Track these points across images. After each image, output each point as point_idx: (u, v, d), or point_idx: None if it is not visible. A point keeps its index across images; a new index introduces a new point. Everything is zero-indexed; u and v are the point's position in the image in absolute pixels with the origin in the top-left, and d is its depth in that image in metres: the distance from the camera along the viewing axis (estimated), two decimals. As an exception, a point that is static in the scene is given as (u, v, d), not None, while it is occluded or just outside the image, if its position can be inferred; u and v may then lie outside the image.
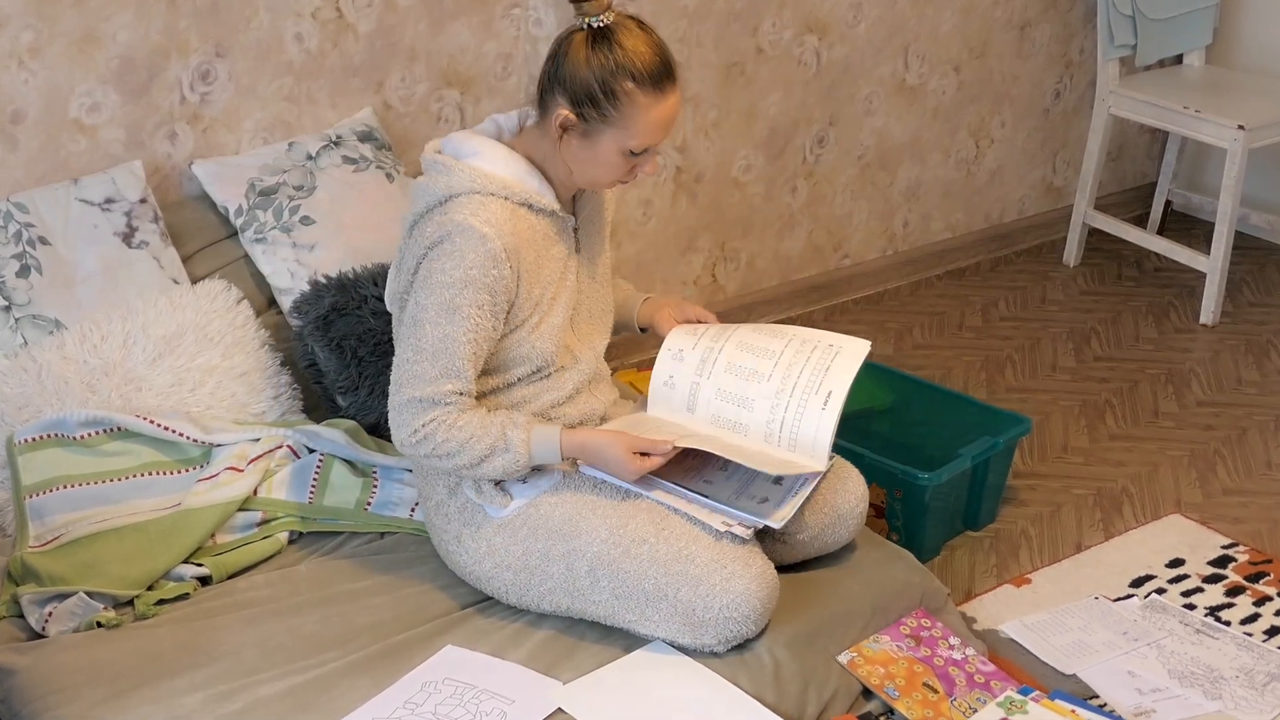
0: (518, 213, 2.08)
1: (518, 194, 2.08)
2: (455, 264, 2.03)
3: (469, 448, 2.05)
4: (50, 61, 2.52)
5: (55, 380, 2.34)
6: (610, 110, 2.02)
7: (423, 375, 2.04)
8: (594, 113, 2.03)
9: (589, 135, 2.05)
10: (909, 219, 3.94)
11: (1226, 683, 2.42)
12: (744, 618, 2.02)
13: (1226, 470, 3.12)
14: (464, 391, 2.06)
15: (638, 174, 2.12)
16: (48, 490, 2.27)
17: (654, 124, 2.04)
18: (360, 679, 1.99)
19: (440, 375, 2.04)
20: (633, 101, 2.02)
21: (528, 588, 2.12)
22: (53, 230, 2.46)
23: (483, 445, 2.05)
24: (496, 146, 2.12)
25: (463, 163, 2.09)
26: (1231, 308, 3.84)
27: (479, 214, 2.03)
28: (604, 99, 2.02)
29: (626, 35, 2.02)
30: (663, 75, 2.03)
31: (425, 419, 2.04)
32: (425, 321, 2.04)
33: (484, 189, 2.06)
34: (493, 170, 2.08)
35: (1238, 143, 3.58)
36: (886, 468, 2.67)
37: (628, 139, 2.05)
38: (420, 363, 2.04)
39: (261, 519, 2.32)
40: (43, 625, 2.09)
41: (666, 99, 2.04)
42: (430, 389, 2.04)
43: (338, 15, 2.81)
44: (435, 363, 2.04)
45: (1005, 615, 2.59)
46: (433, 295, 2.04)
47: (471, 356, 2.05)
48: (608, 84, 2.01)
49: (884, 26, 3.62)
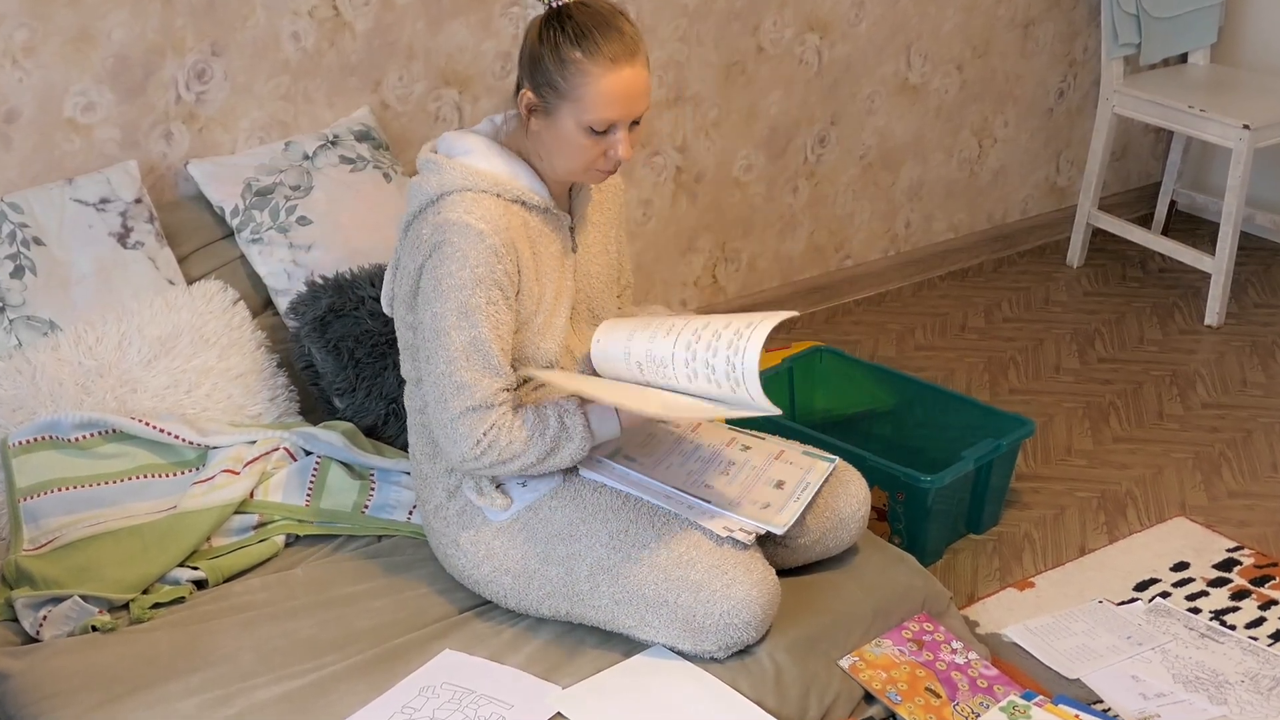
0: (510, 209, 2.08)
1: (510, 190, 2.08)
2: (460, 265, 2.02)
3: (533, 445, 2.04)
4: (45, 60, 2.53)
5: (50, 382, 2.34)
6: (560, 81, 2.01)
7: (467, 384, 2.03)
8: (549, 88, 2.02)
9: (550, 114, 2.04)
10: (911, 219, 3.94)
11: (1232, 687, 2.41)
12: (745, 624, 2.02)
13: (1232, 473, 3.12)
14: (508, 387, 2.06)
15: (611, 157, 2.07)
16: (42, 493, 2.27)
17: (608, 95, 2.01)
18: (358, 683, 1.98)
19: (483, 377, 2.03)
20: (581, 70, 2.00)
21: (526, 592, 2.11)
22: (47, 231, 2.45)
23: (546, 440, 2.05)
24: (488, 144, 2.12)
25: (455, 160, 2.09)
26: (1237, 309, 3.83)
27: (473, 211, 2.03)
28: (553, 71, 2.01)
29: (581, 10, 2.02)
30: (613, 45, 2.01)
31: (485, 427, 2.03)
32: (448, 330, 2.03)
33: (475, 185, 2.06)
34: (484, 167, 2.08)
35: (1243, 142, 3.58)
36: (888, 470, 2.66)
37: (582, 112, 2.02)
38: (458, 373, 2.03)
39: (258, 522, 2.32)
40: (37, 629, 2.10)
41: (619, 70, 2.01)
42: (480, 395, 2.03)
43: (335, 14, 2.81)
44: (472, 367, 2.03)
45: (1008, 619, 2.59)
46: (447, 302, 2.03)
47: (501, 351, 2.05)
48: (557, 54, 2.00)
49: (886, 25, 3.62)
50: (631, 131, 2.07)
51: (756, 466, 2.21)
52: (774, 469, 2.20)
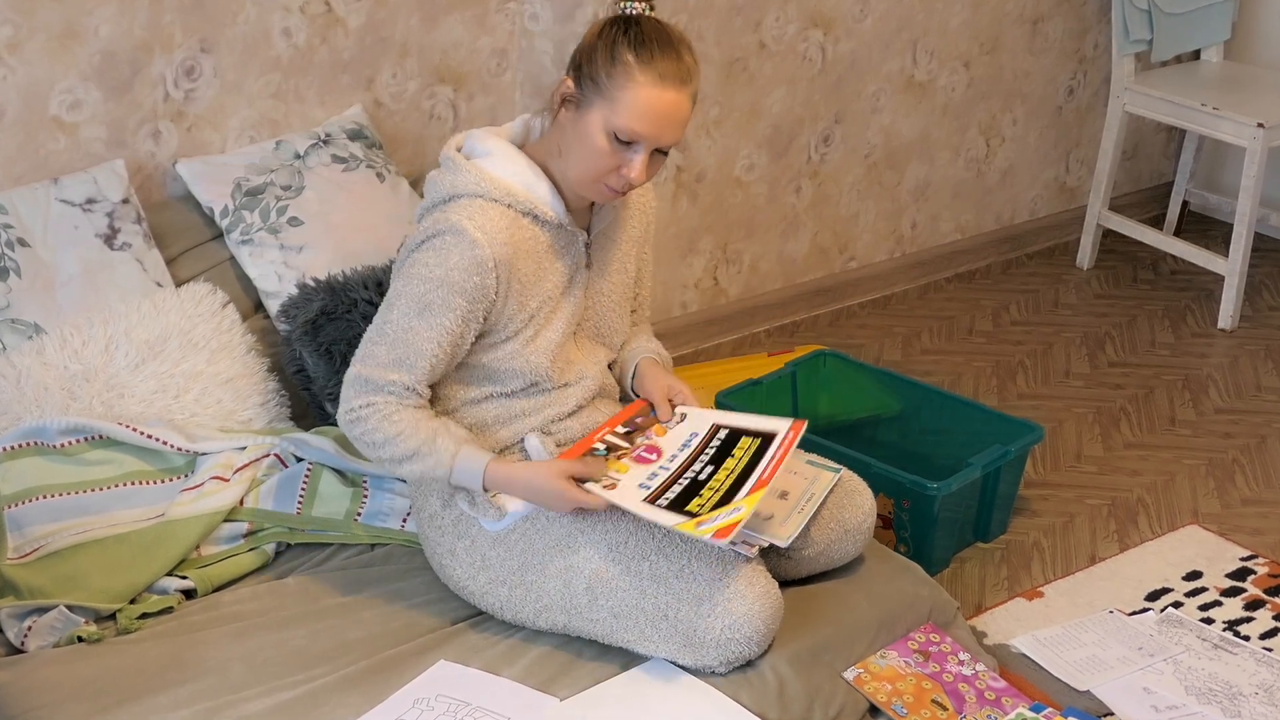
0: (518, 222, 2.07)
1: (522, 202, 2.08)
2: (438, 261, 2.04)
3: (395, 443, 2.06)
4: (29, 57, 2.52)
5: (34, 387, 2.33)
6: (604, 78, 2.00)
7: (376, 358, 2.07)
8: (590, 81, 2.02)
9: (581, 109, 2.04)
10: (917, 220, 3.94)
11: (1245, 699, 2.40)
12: (747, 639, 2.01)
13: (1245, 480, 3.12)
14: (411, 387, 2.07)
15: (624, 176, 2.05)
16: (27, 500, 2.26)
17: (644, 107, 2.00)
18: (350, 695, 1.98)
19: (392, 364, 2.06)
20: (628, 74, 1.99)
21: (523, 604, 2.11)
22: (32, 232, 2.45)
23: (410, 444, 2.05)
24: (510, 149, 2.12)
25: (472, 162, 2.10)
26: (1250, 311, 3.85)
27: (475, 218, 2.04)
28: (600, 66, 2.01)
29: (650, 24, 2.04)
30: (668, 64, 2.01)
31: (363, 401, 2.07)
32: (395, 308, 2.07)
33: (486, 193, 2.06)
34: (499, 175, 2.09)
35: (1257, 141, 3.59)
36: (894, 477, 2.66)
37: (614, 115, 2.01)
38: (378, 345, 2.07)
39: (248, 530, 2.32)
40: (22, 640, 2.09)
41: (665, 89, 2.01)
42: (379, 373, 2.06)
43: (327, 9, 2.82)
44: (392, 350, 2.06)
45: (1017, 629, 2.59)
46: (410, 285, 2.06)
47: (430, 356, 2.06)
48: (611, 48, 2.01)
49: (891, 21, 3.63)
50: (653, 160, 2.06)
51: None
52: (777, 480, 2.17)
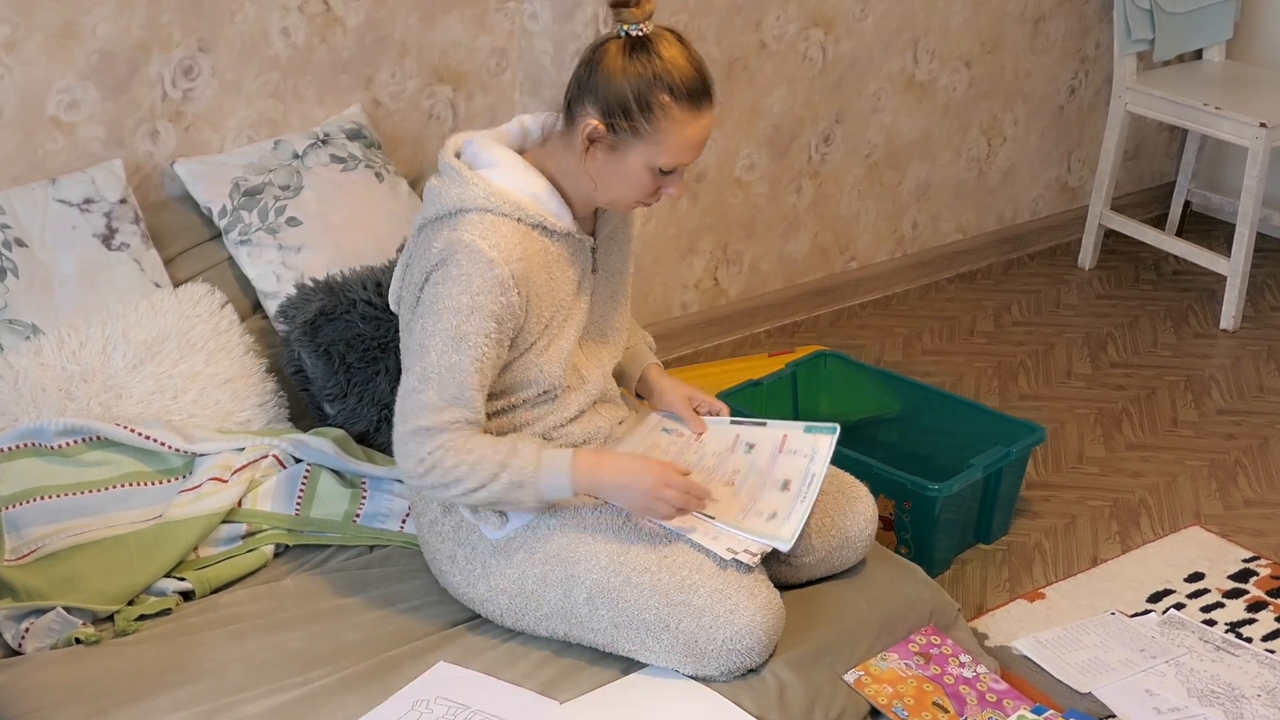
0: (530, 235, 2.05)
1: (532, 215, 2.05)
2: (462, 289, 1.99)
3: (478, 469, 2.00)
4: (27, 56, 2.52)
5: (32, 387, 2.33)
6: (643, 123, 1.98)
7: (429, 404, 2.01)
8: (625, 125, 1.99)
9: (617, 149, 2.02)
10: (918, 220, 3.93)
11: (1248, 702, 2.39)
12: (748, 650, 2.01)
13: (1248, 481, 3.12)
14: (471, 420, 2.03)
15: (662, 195, 2.07)
16: (24, 501, 2.25)
17: (686, 142, 2.01)
18: (349, 697, 1.97)
19: (448, 404, 2.01)
20: (668, 115, 1.98)
21: (523, 612, 2.10)
22: (29, 232, 2.44)
23: (493, 462, 2.01)
24: (515, 160, 2.09)
25: (478, 174, 2.06)
26: (1253, 312, 3.84)
27: (488, 236, 2.00)
28: (637, 110, 1.98)
29: (666, 46, 1.99)
30: (700, 92, 2.00)
31: (431, 447, 2.01)
32: (431, 349, 2.01)
33: (496, 208, 2.03)
34: (508, 188, 2.05)
35: (1259, 141, 3.58)
36: (895, 478, 2.66)
37: (658, 155, 2.01)
38: (426, 391, 2.01)
39: (246, 531, 2.31)
40: (19, 642, 2.08)
41: (702, 117, 2.01)
42: (437, 418, 2.01)
43: (325, 9, 2.81)
44: (442, 391, 2.01)
45: (1018, 631, 2.58)
46: (440, 321, 2.01)
47: (478, 386, 2.02)
48: (643, 95, 1.97)
49: (892, 20, 3.62)
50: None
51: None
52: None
